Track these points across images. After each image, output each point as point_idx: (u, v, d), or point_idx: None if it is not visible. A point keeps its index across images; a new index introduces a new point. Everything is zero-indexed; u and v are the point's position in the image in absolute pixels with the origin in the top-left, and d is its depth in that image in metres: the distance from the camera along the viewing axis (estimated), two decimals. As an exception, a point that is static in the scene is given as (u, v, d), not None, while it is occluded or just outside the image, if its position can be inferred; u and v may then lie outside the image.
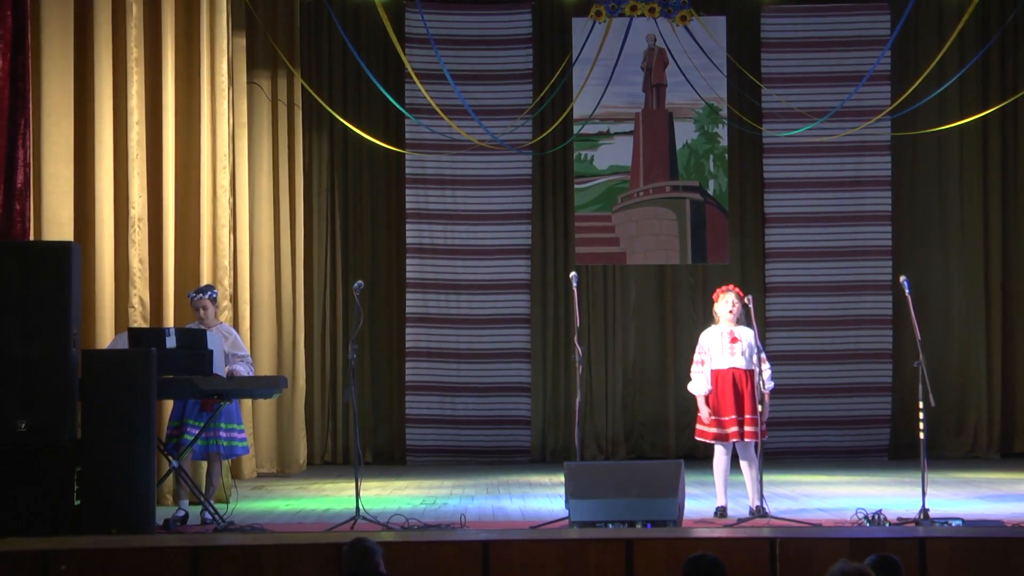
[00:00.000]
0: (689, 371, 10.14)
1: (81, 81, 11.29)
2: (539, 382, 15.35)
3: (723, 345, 9.92)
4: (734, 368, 9.86)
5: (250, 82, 13.66)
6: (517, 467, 14.52)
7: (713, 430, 9.88)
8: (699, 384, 9.98)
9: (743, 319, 9.92)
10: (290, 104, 14.39)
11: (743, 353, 9.83)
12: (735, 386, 9.83)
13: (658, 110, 15.29)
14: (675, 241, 15.24)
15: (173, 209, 11.65)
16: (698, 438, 10.07)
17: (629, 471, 9.35)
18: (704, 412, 9.93)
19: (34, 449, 8.98)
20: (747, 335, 9.89)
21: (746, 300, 9.91)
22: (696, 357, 10.04)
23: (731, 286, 10.14)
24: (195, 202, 11.88)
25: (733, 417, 9.80)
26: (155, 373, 9.15)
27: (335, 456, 15.09)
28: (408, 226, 15.23)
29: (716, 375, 9.92)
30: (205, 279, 11.60)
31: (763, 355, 9.95)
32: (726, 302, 9.97)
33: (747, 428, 9.75)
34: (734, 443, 9.84)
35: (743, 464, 9.88)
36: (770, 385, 9.93)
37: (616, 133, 15.32)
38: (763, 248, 15.41)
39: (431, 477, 13.41)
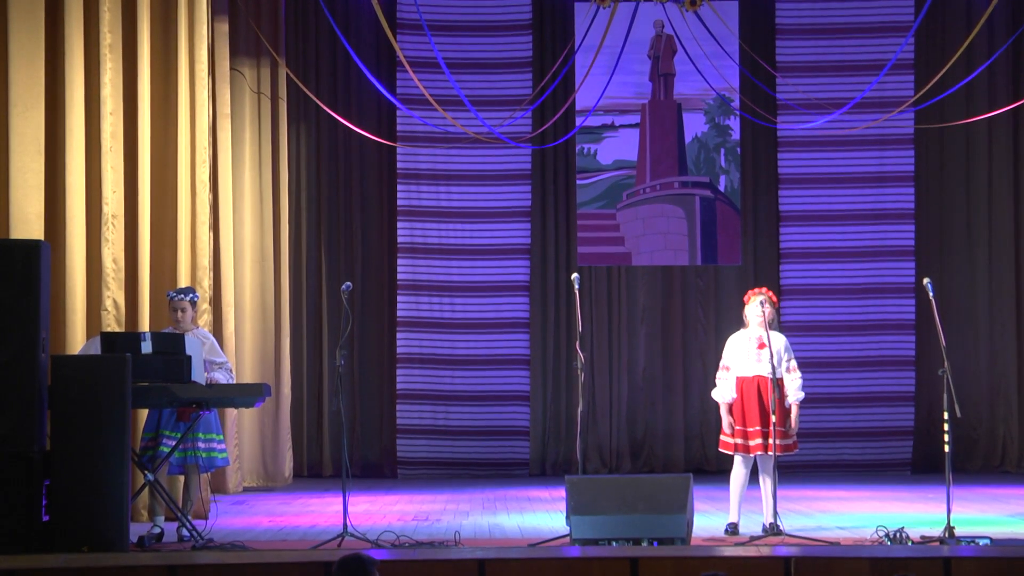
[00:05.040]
0: (704, 377, 10.14)
1: (51, 68, 11.29)
2: (539, 390, 15.34)
3: (750, 351, 9.93)
4: (760, 376, 9.86)
5: (233, 69, 13.65)
6: (515, 481, 14.52)
7: (736, 441, 9.87)
8: (723, 391, 9.98)
9: (775, 324, 9.92)
10: (274, 94, 14.38)
11: (771, 360, 9.81)
12: (760, 395, 9.83)
13: (666, 101, 15.28)
14: (684, 241, 15.24)
15: (149, 206, 11.64)
16: (721, 449, 10.09)
17: (634, 485, 9.34)
18: (726, 422, 9.93)
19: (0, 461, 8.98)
20: (778, 341, 9.88)
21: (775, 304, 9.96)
22: (721, 363, 10.06)
23: (763, 289, 10.16)
24: (173, 198, 11.87)
25: (758, 428, 9.79)
26: (129, 380, 9.15)
27: (323, 469, 15.07)
28: (400, 224, 15.22)
29: (741, 383, 9.93)
30: (183, 280, 11.60)
31: (793, 363, 9.95)
32: (756, 305, 9.96)
33: (771, 441, 9.73)
34: (757, 456, 9.83)
35: (762, 478, 9.88)
36: (799, 396, 9.93)
37: (621, 126, 15.31)
38: (778, 248, 15.41)
39: (423, 491, 13.41)
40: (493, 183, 15.29)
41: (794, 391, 9.92)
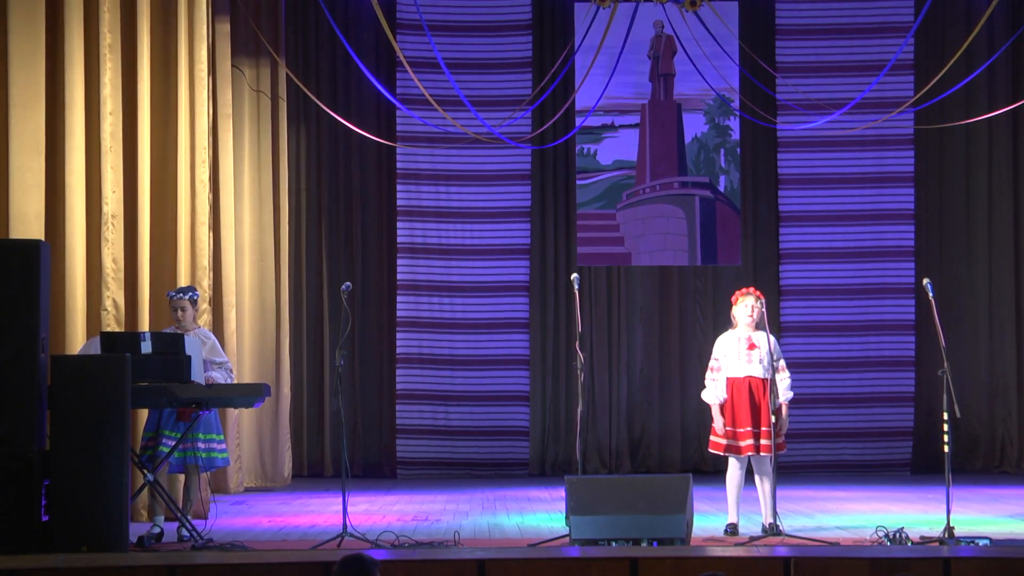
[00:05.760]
0: (703, 378, 10.14)
1: (51, 67, 11.29)
2: (538, 391, 15.33)
3: (740, 351, 9.92)
4: (751, 376, 9.86)
5: (233, 67, 13.64)
6: (515, 481, 14.51)
7: (726, 442, 9.87)
8: (713, 392, 9.97)
9: (762, 324, 9.92)
10: (274, 94, 14.37)
11: (761, 361, 9.82)
12: (751, 396, 9.83)
13: (666, 101, 15.28)
14: (684, 241, 15.24)
15: (149, 206, 11.64)
16: (711, 450, 10.09)
17: (634, 486, 9.35)
18: (718, 422, 9.93)
19: (-1, 461, 8.98)
20: (767, 341, 9.87)
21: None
22: (711, 363, 10.05)
23: (751, 289, 10.16)
24: (173, 198, 11.87)
25: (749, 429, 9.79)
26: (129, 380, 9.14)
27: (323, 469, 15.07)
28: (399, 224, 15.21)
29: (731, 383, 9.92)
30: (183, 280, 11.61)
31: (782, 363, 9.95)
32: (745, 306, 9.97)
33: (763, 441, 9.74)
34: (749, 456, 9.83)
35: (758, 479, 9.88)
36: (789, 395, 9.92)
37: (621, 126, 15.31)
38: (777, 249, 15.40)
39: (423, 491, 13.40)
40: (493, 183, 15.29)
41: (783, 391, 9.91)
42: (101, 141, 11.33)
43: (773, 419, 9.71)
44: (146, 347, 9.52)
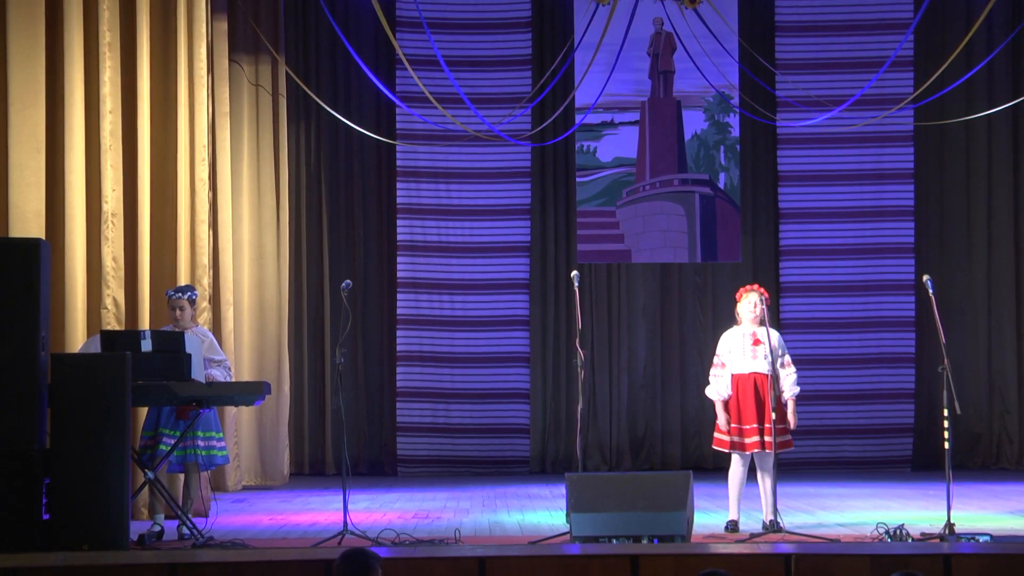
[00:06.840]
0: (703, 375, 10.13)
1: (51, 66, 11.29)
2: (539, 388, 15.33)
3: (745, 348, 9.92)
4: (756, 373, 9.86)
5: (232, 63, 13.63)
6: (515, 478, 14.51)
7: (731, 439, 9.86)
8: (717, 388, 9.97)
9: (767, 320, 9.92)
10: (274, 92, 14.37)
11: (766, 357, 9.81)
12: (757, 392, 9.82)
13: (665, 98, 15.27)
14: (684, 238, 15.23)
15: (149, 204, 11.64)
16: (715, 447, 10.08)
17: (635, 483, 9.34)
18: (722, 419, 9.92)
19: None
20: (772, 337, 9.87)
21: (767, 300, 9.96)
22: (715, 360, 10.05)
23: (755, 285, 10.16)
24: (172, 197, 11.87)
25: (754, 426, 9.78)
26: (129, 378, 9.14)
27: (325, 467, 15.06)
28: (399, 222, 15.21)
29: (737, 380, 9.92)
30: (183, 278, 11.61)
31: (787, 358, 9.95)
32: (749, 302, 9.97)
33: (767, 438, 9.72)
34: (753, 453, 9.82)
35: (760, 475, 9.87)
36: (795, 391, 9.91)
37: (621, 123, 15.30)
38: (777, 246, 15.40)
39: (424, 489, 13.40)
40: (493, 181, 15.29)
41: (790, 386, 9.91)
42: (101, 139, 11.33)
43: (774, 416, 9.70)
44: (146, 345, 9.52)
